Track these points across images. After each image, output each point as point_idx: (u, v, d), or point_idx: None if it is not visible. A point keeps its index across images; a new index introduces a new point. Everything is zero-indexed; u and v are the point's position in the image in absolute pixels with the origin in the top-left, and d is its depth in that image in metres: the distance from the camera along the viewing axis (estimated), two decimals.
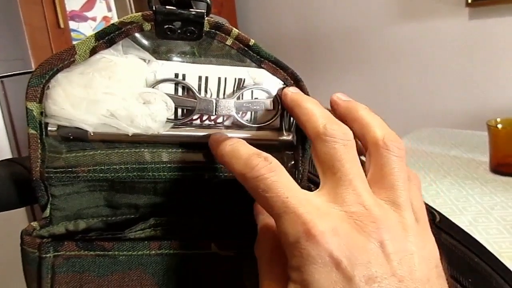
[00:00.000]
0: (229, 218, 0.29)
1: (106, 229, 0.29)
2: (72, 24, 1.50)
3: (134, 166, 0.27)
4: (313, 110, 0.25)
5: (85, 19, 1.64)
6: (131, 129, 0.26)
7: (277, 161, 0.23)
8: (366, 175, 0.23)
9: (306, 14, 1.91)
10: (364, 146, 0.25)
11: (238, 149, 0.24)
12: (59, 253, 0.26)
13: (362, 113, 0.26)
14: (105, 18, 1.72)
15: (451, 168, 0.92)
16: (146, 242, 0.27)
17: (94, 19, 1.68)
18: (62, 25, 1.24)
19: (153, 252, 0.27)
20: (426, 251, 0.22)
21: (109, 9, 1.74)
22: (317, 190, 0.23)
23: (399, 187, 0.23)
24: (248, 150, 0.24)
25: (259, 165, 0.22)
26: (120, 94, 0.26)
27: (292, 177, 0.30)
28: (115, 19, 1.76)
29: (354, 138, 0.24)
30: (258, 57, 0.27)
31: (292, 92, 0.27)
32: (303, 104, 0.26)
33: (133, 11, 1.76)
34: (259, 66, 0.27)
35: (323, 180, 0.23)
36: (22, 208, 1.51)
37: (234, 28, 0.26)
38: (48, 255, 0.26)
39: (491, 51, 1.42)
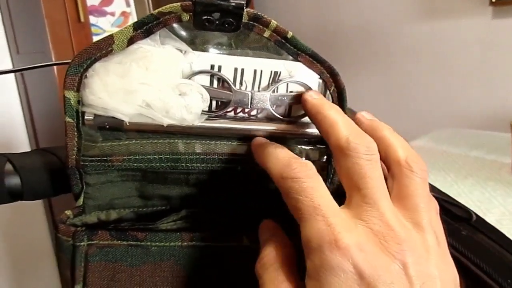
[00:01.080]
0: (260, 211, 0.28)
1: (137, 220, 0.29)
2: (91, 19, 1.50)
3: (168, 156, 0.27)
4: (336, 120, 0.24)
5: (104, 14, 1.65)
6: (166, 120, 0.26)
7: (315, 169, 0.23)
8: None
9: (324, 12, 1.90)
10: (386, 166, 0.25)
11: (280, 151, 0.24)
12: (92, 242, 0.26)
13: (386, 133, 0.25)
14: (123, 13, 1.73)
15: (473, 169, 0.91)
16: (178, 233, 0.27)
17: (113, 14, 1.69)
18: (82, 19, 1.25)
19: (185, 243, 0.27)
20: (448, 275, 0.22)
21: (128, 4, 1.75)
22: (344, 205, 0.23)
23: (422, 208, 0.22)
24: (290, 154, 0.24)
25: (298, 168, 0.23)
26: (156, 84, 0.26)
27: (325, 171, 0.29)
28: (133, 14, 1.77)
29: None
30: (295, 49, 0.27)
31: (314, 97, 0.26)
32: (325, 111, 0.25)
33: (151, 6, 1.77)
34: (296, 59, 0.27)
35: (349, 195, 0.23)
36: (40, 202, 1.53)
37: (273, 20, 0.26)
38: (82, 244, 0.26)
39: None
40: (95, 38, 1.44)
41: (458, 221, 0.28)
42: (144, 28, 0.25)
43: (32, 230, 1.58)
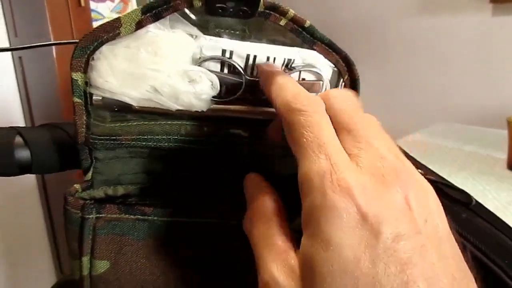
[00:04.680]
0: None
1: (143, 196, 0.29)
2: (91, 4, 1.49)
3: (176, 137, 0.27)
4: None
5: None
6: (174, 105, 0.26)
7: (324, 107, 0.22)
8: None
9: (322, 5, 1.89)
10: None
11: (290, 83, 0.23)
12: (101, 215, 0.26)
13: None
14: None
15: (467, 163, 0.92)
16: (184, 209, 0.27)
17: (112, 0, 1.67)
18: (82, 3, 1.24)
19: (191, 219, 0.27)
20: (442, 211, 0.21)
21: None
22: None
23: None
24: (299, 87, 0.23)
25: (306, 101, 0.21)
26: (166, 71, 0.26)
27: None
28: (132, 1, 1.76)
29: None
30: (312, 38, 0.27)
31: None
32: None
33: None
34: (311, 48, 0.27)
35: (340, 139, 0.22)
36: (35, 189, 1.52)
37: (291, 10, 0.25)
38: (90, 217, 0.26)
39: None
40: (95, 24, 1.43)
41: (457, 205, 0.28)
42: (153, 11, 0.25)
43: (27, 217, 1.57)
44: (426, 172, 0.31)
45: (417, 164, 0.32)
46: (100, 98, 0.26)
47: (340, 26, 1.83)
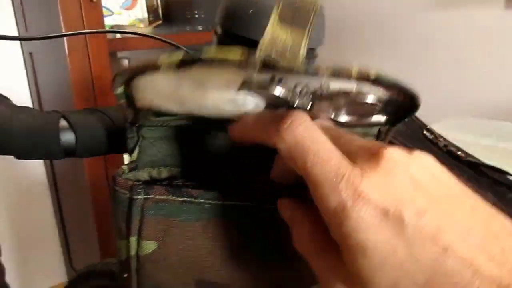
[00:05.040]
0: None
1: (188, 178, 0.29)
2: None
3: (217, 128, 0.28)
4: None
5: None
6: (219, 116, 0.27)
7: (308, 116, 0.22)
8: None
9: None
10: None
11: (261, 116, 0.24)
12: (149, 196, 0.27)
13: None
14: None
15: (485, 156, 0.92)
16: (231, 192, 0.27)
17: None
18: None
19: (239, 203, 0.27)
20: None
21: None
22: None
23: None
24: (271, 112, 0.24)
25: (293, 120, 0.22)
26: (211, 99, 0.25)
27: None
28: None
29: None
30: (377, 82, 0.25)
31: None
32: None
33: None
34: (373, 85, 0.25)
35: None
36: (45, 185, 1.53)
37: (354, 69, 0.23)
38: (139, 197, 0.26)
39: None
40: (105, 20, 1.44)
41: (501, 186, 0.28)
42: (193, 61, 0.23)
43: (37, 212, 1.58)
44: (466, 155, 0.31)
45: (457, 147, 0.32)
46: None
47: (354, 20, 1.82)
